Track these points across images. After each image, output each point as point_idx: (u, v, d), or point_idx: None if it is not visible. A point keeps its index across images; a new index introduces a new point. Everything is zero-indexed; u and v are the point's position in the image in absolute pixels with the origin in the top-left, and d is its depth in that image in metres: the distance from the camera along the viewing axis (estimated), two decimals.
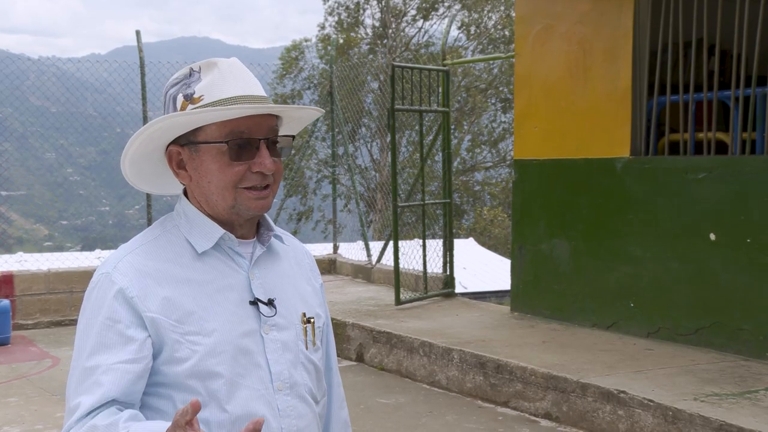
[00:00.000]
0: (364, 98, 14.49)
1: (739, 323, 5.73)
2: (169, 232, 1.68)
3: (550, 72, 7.13)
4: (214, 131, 1.61)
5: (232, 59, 1.68)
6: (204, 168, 1.63)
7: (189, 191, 1.70)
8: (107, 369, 1.53)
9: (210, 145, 1.61)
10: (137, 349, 1.55)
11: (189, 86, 1.64)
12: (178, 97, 1.64)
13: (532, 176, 7.29)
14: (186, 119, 1.60)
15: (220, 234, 1.66)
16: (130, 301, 1.57)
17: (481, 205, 27.37)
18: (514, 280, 7.49)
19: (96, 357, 1.54)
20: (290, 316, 1.71)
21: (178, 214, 1.70)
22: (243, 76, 1.65)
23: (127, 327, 1.56)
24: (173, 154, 1.67)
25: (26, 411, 5.78)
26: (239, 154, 1.61)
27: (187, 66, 1.68)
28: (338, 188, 12.92)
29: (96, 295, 1.61)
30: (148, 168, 1.72)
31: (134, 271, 1.61)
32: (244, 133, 1.61)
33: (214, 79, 1.62)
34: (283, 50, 27.69)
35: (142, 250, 1.65)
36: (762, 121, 5.85)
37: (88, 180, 33.20)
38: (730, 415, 4.46)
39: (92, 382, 1.53)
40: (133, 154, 1.67)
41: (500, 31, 27.26)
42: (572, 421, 5.25)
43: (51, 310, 8.62)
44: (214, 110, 1.58)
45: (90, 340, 1.57)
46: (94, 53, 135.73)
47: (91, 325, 1.58)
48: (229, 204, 1.64)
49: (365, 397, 6.05)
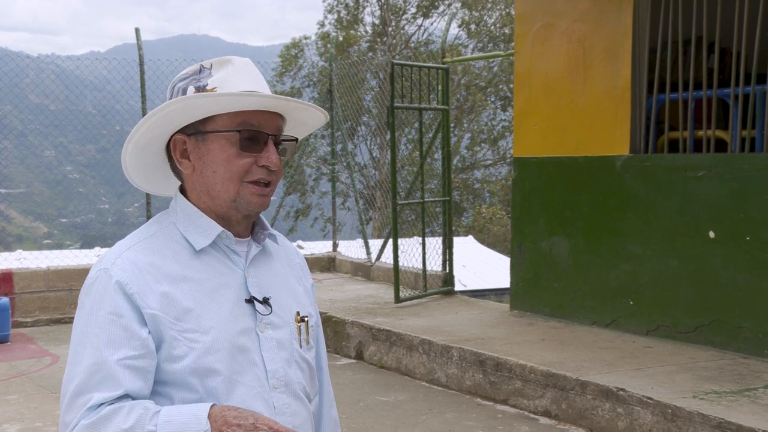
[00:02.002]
0: (363, 96, 14.48)
1: (739, 321, 5.73)
2: (167, 229, 1.69)
3: (549, 70, 7.13)
4: (226, 121, 1.62)
5: (246, 59, 1.70)
6: (210, 158, 1.63)
7: (189, 184, 1.69)
8: (115, 365, 1.53)
9: (219, 134, 1.62)
10: (141, 345, 1.55)
11: (200, 80, 1.65)
12: (189, 88, 1.65)
13: (532, 174, 7.29)
14: (205, 101, 1.59)
15: (218, 231, 1.66)
16: (131, 297, 1.57)
17: (481, 203, 27.38)
18: (513, 278, 7.49)
19: (102, 353, 1.54)
20: (285, 314, 1.72)
21: (175, 211, 1.70)
22: (255, 75, 1.67)
23: (131, 322, 1.56)
24: (178, 142, 1.66)
25: (26, 408, 5.79)
26: (249, 145, 1.62)
27: (197, 63, 1.69)
28: (337, 186, 12.92)
29: (96, 291, 1.60)
30: (146, 158, 1.71)
31: (133, 267, 1.60)
32: (255, 125, 1.62)
33: (228, 74, 1.64)
34: (283, 48, 27.69)
35: (139, 247, 1.65)
36: (761, 118, 5.85)
37: (88, 178, 33.18)
38: (729, 413, 4.46)
39: (101, 378, 1.52)
40: (138, 139, 1.65)
41: (500, 29, 27.25)
42: (571, 419, 5.26)
43: (50, 308, 8.62)
44: (231, 95, 1.58)
45: (93, 336, 1.56)
46: (93, 51, 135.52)
47: (92, 320, 1.57)
48: (231, 196, 1.64)
49: (364, 394, 6.06)
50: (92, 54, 17.52)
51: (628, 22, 6.43)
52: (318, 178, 24.83)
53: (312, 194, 25.69)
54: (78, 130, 11.92)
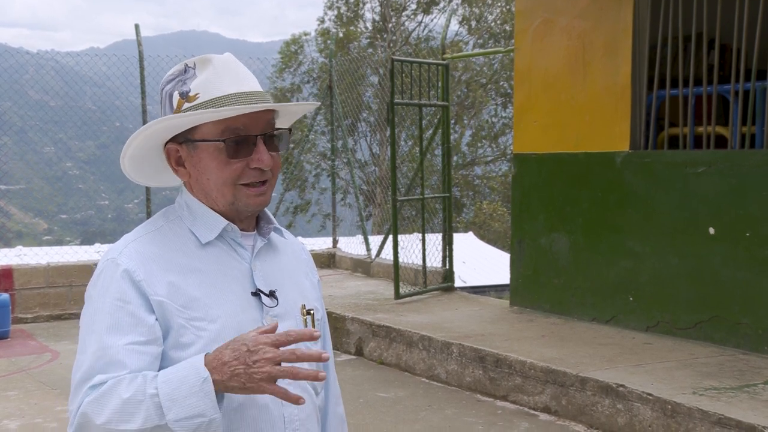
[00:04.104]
0: (363, 92, 14.48)
1: (738, 317, 5.73)
2: (173, 223, 1.70)
3: (549, 66, 7.12)
4: (211, 129, 1.62)
5: (226, 55, 1.69)
6: (202, 165, 1.65)
7: (189, 187, 1.72)
8: (122, 349, 1.53)
9: (207, 143, 1.63)
10: (148, 331, 1.56)
11: (185, 83, 1.65)
12: (174, 94, 1.66)
13: (532, 170, 7.29)
14: (180, 121, 1.62)
15: (224, 225, 1.68)
16: (138, 285, 1.58)
17: (481, 199, 27.37)
18: (513, 274, 7.49)
19: (108, 338, 1.54)
20: (290, 307, 1.73)
21: (180, 206, 1.72)
22: (237, 72, 1.66)
23: (138, 308, 1.57)
24: (172, 151, 1.69)
25: (26, 405, 5.79)
26: (237, 151, 1.62)
27: (183, 62, 1.69)
28: (337, 182, 12.92)
29: (103, 280, 1.61)
30: (148, 166, 1.74)
31: (140, 256, 1.62)
32: (240, 130, 1.62)
33: (208, 77, 1.63)
34: (283, 44, 27.66)
35: (146, 239, 1.66)
36: (761, 115, 5.84)
37: (87, 174, 33.20)
38: (728, 409, 4.46)
39: (107, 361, 1.53)
40: (132, 154, 1.69)
41: (501, 26, 27.22)
42: (571, 415, 5.26)
43: (50, 304, 8.62)
44: (206, 112, 1.60)
45: (101, 322, 1.56)
46: (92, 47, 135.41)
47: (100, 308, 1.58)
48: (228, 201, 1.66)
49: (364, 390, 6.06)
50: (92, 50, 17.49)
51: (628, 18, 6.43)
52: (318, 174, 24.82)
53: (312, 190, 25.68)
54: (78, 127, 11.90)
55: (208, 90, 1.62)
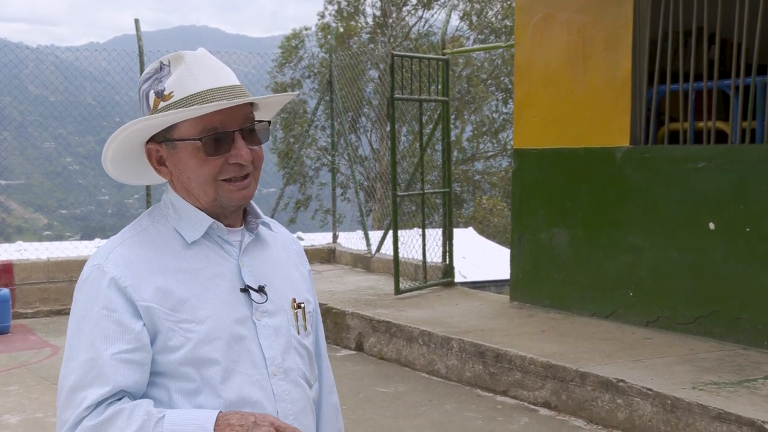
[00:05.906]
0: (364, 87, 14.46)
1: (738, 312, 5.73)
2: (158, 223, 1.70)
3: (549, 61, 7.12)
4: (188, 128, 1.62)
5: (200, 50, 1.68)
6: (182, 164, 1.64)
7: (173, 185, 1.71)
8: (110, 360, 1.54)
9: (186, 142, 1.62)
10: (135, 338, 1.56)
11: (160, 81, 1.64)
12: (150, 93, 1.65)
13: (532, 165, 7.28)
14: (156, 122, 1.62)
15: (209, 223, 1.67)
16: (124, 291, 1.58)
17: (481, 195, 27.37)
18: (513, 270, 7.49)
19: (96, 348, 1.55)
20: (281, 302, 1.73)
21: (166, 204, 1.71)
22: (212, 68, 1.65)
23: (124, 316, 1.57)
24: (152, 151, 1.68)
25: (26, 399, 5.80)
26: (215, 148, 1.62)
27: (158, 59, 1.68)
28: (337, 177, 12.91)
29: (89, 287, 1.61)
30: (130, 166, 1.74)
31: (125, 261, 1.61)
32: (217, 127, 1.61)
33: (182, 75, 1.63)
34: (283, 39, 27.63)
35: (132, 242, 1.66)
36: (762, 110, 5.84)
37: (87, 169, 33.17)
38: (728, 404, 4.47)
39: (96, 374, 1.54)
40: (112, 156, 1.69)
41: (501, 21, 27.19)
42: (571, 410, 5.27)
43: (50, 299, 8.63)
44: (178, 112, 1.59)
45: (87, 331, 1.57)
46: (92, 42, 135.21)
47: (86, 316, 1.59)
48: (211, 197, 1.65)
49: (364, 385, 6.07)
50: (91, 45, 17.47)
51: (629, 12, 6.42)
52: (318, 169, 24.81)
53: (312, 185, 25.68)
54: (78, 122, 11.90)
55: (182, 88, 1.62)
